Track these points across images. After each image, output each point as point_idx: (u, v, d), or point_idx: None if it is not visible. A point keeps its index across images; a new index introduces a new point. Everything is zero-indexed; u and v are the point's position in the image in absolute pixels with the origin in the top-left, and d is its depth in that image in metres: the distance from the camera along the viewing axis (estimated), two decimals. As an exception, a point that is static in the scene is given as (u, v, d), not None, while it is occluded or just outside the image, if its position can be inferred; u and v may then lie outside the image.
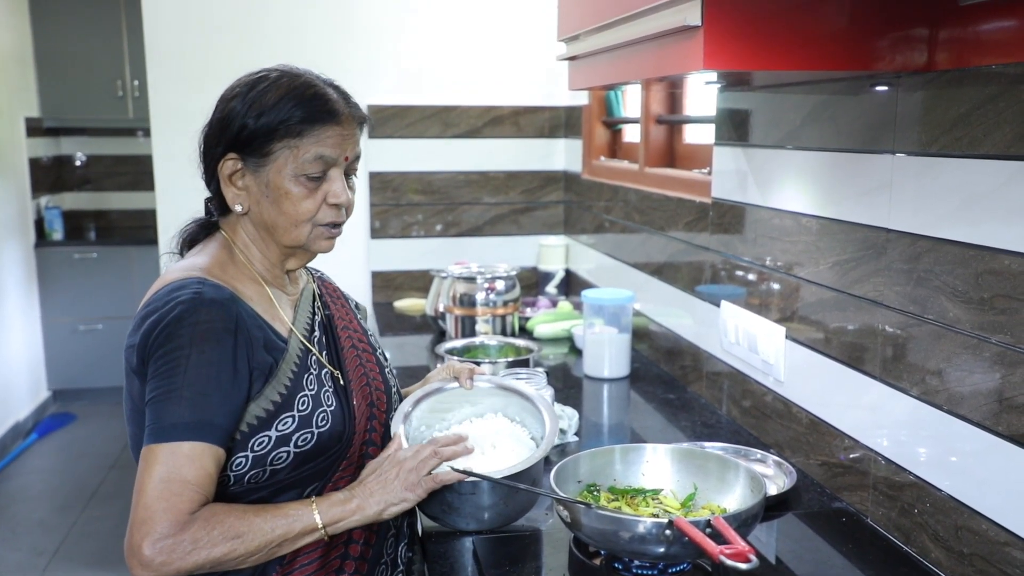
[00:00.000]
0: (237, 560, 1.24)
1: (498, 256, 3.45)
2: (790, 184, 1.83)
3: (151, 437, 1.21)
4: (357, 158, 1.43)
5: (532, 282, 3.50)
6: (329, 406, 1.40)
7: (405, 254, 3.50)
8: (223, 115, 1.39)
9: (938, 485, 1.41)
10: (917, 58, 1.39)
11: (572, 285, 3.44)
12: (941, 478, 1.40)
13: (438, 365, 1.78)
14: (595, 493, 1.41)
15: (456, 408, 1.63)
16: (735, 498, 1.34)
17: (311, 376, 1.41)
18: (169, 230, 3.53)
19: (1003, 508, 1.28)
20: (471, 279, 2.68)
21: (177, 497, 1.19)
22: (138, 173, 6.22)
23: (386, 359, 1.60)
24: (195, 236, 1.48)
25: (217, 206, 1.46)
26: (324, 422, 1.37)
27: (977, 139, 1.30)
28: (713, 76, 1.73)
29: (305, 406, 1.37)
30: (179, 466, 1.20)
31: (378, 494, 1.36)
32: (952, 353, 1.36)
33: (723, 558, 1.01)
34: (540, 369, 1.92)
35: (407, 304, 3.34)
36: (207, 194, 1.48)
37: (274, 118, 1.35)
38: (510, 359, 2.25)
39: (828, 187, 1.69)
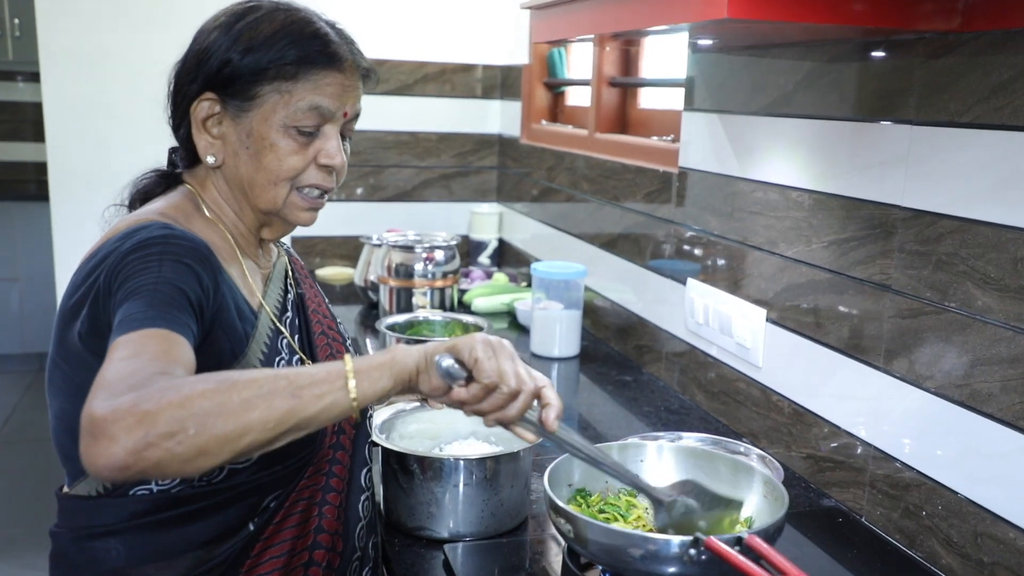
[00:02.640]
0: (235, 414, 0.88)
1: (426, 224, 3.24)
2: (777, 155, 1.68)
3: (115, 333, 0.95)
4: (356, 117, 1.23)
5: (463, 252, 3.31)
6: None
7: (324, 219, 3.19)
8: (201, 48, 1.18)
9: (954, 487, 1.29)
10: (951, 18, 1.25)
11: (506, 255, 3.26)
12: (958, 480, 1.29)
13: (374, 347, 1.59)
14: (586, 499, 1.25)
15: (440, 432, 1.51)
16: (749, 507, 1.20)
17: (282, 362, 1.21)
18: (63, 184, 3.19)
19: (1037, 516, 1.17)
20: (409, 248, 2.47)
21: (147, 363, 0.90)
22: (18, 122, 5.70)
23: (356, 351, 1.41)
24: (150, 189, 1.26)
25: (184, 156, 1.24)
26: None
27: (1022, 108, 1.17)
28: (706, 32, 1.56)
29: None
30: (148, 347, 0.92)
31: (429, 344, 1.05)
32: (979, 345, 1.24)
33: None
34: (503, 351, 1.74)
35: (331, 273, 3.10)
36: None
37: (265, 55, 1.15)
38: (458, 337, 2.06)
39: (825, 159, 1.55)
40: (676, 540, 1.03)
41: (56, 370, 1.15)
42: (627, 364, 2.27)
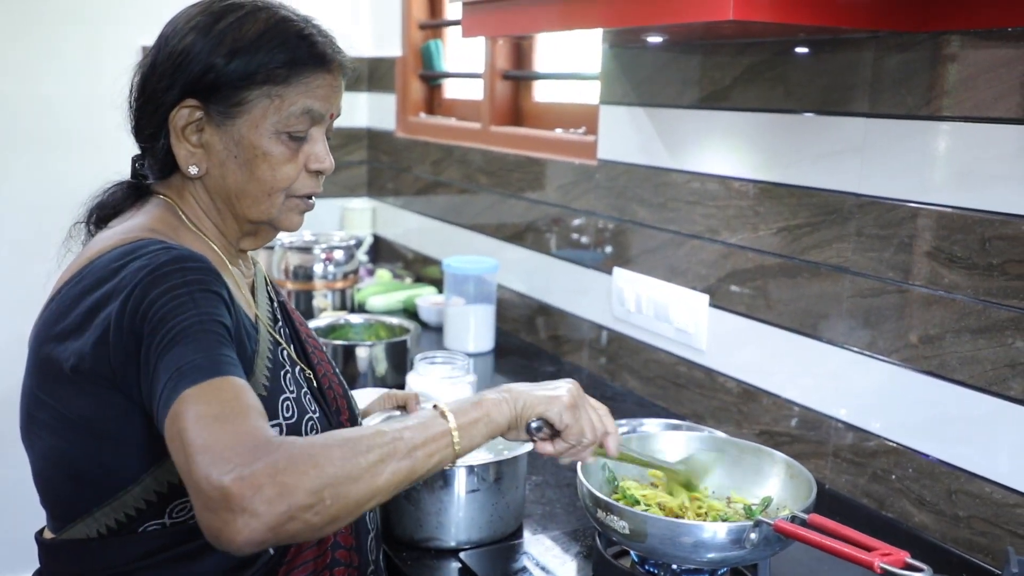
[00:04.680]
0: (364, 479, 0.86)
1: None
2: (715, 147, 1.75)
3: (175, 387, 0.86)
4: (338, 116, 1.17)
5: (334, 249, 3.20)
6: (314, 413, 1.15)
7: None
8: (176, 51, 1.09)
9: (925, 451, 1.41)
10: (915, 16, 1.35)
11: (381, 251, 3.19)
12: (929, 444, 1.40)
13: (370, 392, 1.54)
14: (614, 484, 1.27)
15: None
16: (771, 488, 1.25)
17: (287, 374, 1.15)
18: None
19: (1012, 471, 1.29)
20: (307, 249, 2.37)
21: (243, 421, 0.84)
22: None
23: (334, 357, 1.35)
24: (118, 203, 1.15)
25: (157, 166, 1.14)
26: (313, 433, 1.11)
27: (986, 103, 1.29)
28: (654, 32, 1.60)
29: (291, 413, 1.10)
30: (227, 400, 0.86)
31: (517, 399, 1.06)
32: (948, 318, 1.36)
33: (885, 566, 0.91)
34: (459, 354, 1.72)
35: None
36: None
37: (253, 60, 1.08)
38: (385, 340, 2.01)
39: (770, 150, 1.64)
40: (737, 526, 1.07)
41: (39, 406, 1.04)
42: (544, 355, 2.30)
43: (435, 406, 1.00)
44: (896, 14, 1.31)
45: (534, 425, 1.06)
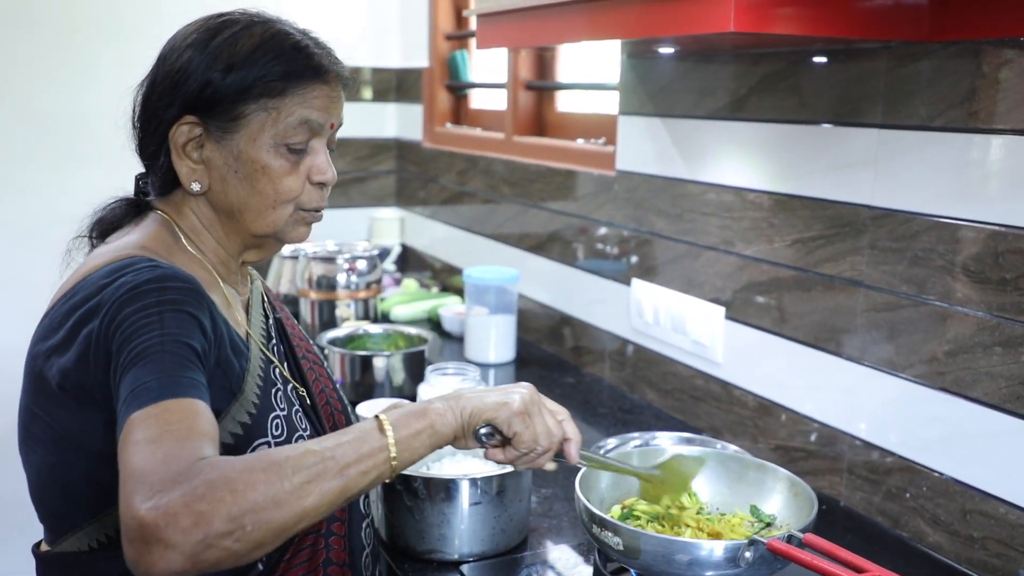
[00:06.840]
0: (289, 503, 0.84)
1: (326, 231, 3.14)
2: (731, 158, 1.74)
3: (126, 410, 0.88)
4: (339, 127, 1.18)
5: (363, 259, 3.23)
6: (304, 431, 1.15)
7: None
8: (174, 68, 1.11)
9: (939, 469, 1.38)
10: (921, 27, 1.33)
11: (409, 261, 3.21)
12: (943, 462, 1.37)
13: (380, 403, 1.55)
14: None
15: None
16: (773, 505, 1.23)
17: (279, 392, 1.15)
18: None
19: (1027, 490, 1.26)
20: (330, 259, 2.39)
21: (176, 444, 0.84)
22: None
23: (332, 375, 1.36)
24: (118, 219, 1.17)
25: (159, 183, 1.15)
26: None
27: (998, 113, 1.26)
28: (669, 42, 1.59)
29: (280, 431, 1.10)
30: (171, 423, 0.86)
31: (464, 407, 1.05)
32: (962, 334, 1.33)
33: (874, 588, 0.90)
34: (471, 365, 1.72)
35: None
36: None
37: (249, 73, 1.09)
38: (404, 350, 2.02)
39: (785, 161, 1.62)
40: (732, 544, 1.05)
41: (34, 421, 1.06)
42: (566, 366, 2.29)
43: (376, 416, 0.98)
44: (909, 24, 1.29)
45: (483, 431, 1.05)
